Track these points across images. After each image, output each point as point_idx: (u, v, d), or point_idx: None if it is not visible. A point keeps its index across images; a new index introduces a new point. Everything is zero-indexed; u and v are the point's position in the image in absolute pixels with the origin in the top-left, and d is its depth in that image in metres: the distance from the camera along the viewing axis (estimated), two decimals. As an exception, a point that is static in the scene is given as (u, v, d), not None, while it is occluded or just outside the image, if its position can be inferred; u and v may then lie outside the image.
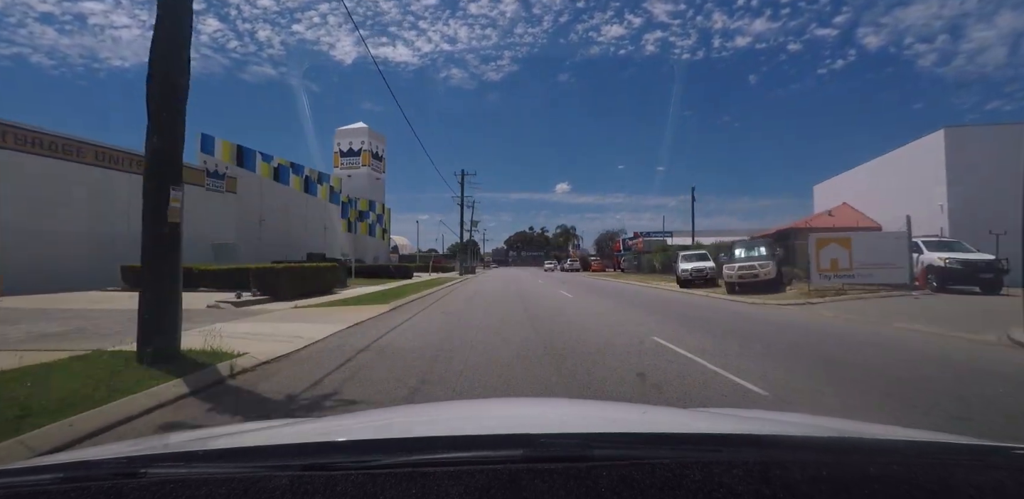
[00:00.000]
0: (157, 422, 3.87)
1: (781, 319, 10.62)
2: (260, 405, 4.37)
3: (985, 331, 8.07)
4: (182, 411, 4.17)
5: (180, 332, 5.72)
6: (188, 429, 3.29)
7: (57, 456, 1.30)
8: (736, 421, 1.60)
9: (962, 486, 0.78)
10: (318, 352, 6.82)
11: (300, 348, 6.98)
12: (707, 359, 6.03)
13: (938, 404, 4.19)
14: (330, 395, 4.59)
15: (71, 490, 0.76)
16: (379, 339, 7.85)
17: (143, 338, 5.35)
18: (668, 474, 0.77)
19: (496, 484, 0.75)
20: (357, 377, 5.28)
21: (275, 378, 5.32)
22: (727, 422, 1.55)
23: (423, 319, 10.76)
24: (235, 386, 5.03)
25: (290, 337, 7.65)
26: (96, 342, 6.71)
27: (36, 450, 3.10)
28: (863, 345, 7.32)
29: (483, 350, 6.74)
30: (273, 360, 6.18)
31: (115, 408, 3.93)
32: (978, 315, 10.42)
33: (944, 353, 6.66)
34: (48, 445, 3.20)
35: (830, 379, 5.13)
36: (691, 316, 11.16)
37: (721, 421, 1.56)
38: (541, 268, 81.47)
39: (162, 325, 5.43)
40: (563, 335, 8.09)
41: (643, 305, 14.11)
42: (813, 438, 1.15)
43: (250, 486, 0.75)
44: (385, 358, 6.30)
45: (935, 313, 10.83)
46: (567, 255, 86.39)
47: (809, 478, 0.79)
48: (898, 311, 11.24)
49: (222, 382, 5.11)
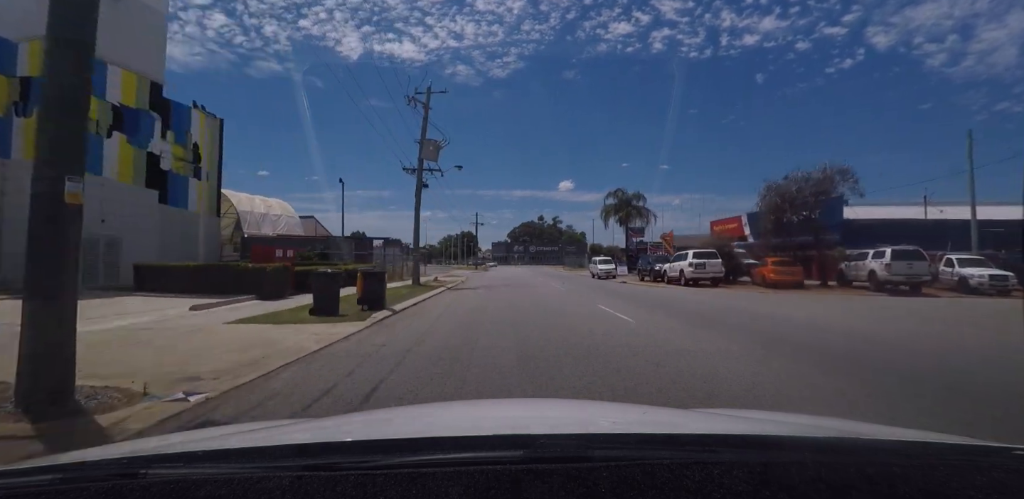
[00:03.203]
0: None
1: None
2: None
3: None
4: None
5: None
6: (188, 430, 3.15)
7: (56, 457, 1.32)
8: (735, 422, 1.61)
9: (962, 486, 0.78)
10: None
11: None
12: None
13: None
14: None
15: (70, 491, 0.76)
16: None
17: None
18: (668, 475, 0.77)
19: (496, 485, 0.75)
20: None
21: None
22: (727, 423, 1.56)
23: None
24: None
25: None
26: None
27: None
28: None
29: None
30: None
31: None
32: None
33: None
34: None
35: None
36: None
37: (720, 422, 1.57)
38: (555, 269, 63.60)
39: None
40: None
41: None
42: (812, 438, 1.15)
43: (250, 487, 0.75)
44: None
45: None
46: (635, 249, 45.60)
47: (808, 479, 0.79)
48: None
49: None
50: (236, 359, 6.06)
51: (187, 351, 6.58)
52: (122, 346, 6.88)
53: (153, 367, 5.44)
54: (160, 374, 5.08)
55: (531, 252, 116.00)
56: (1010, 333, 8.98)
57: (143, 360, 5.86)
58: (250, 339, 7.54)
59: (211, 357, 6.16)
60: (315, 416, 3.76)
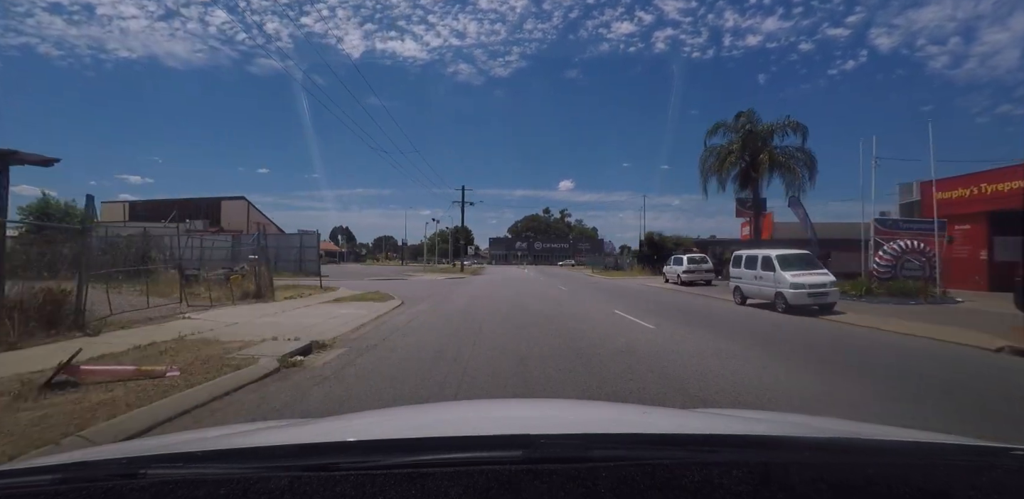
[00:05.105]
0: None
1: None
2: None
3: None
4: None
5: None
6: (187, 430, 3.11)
7: (56, 457, 1.30)
8: (735, 422, 1.61)
9: (962, 487, 0.78)
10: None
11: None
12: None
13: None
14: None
15: (69, 491, 0.76)
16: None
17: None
18: (667, 475, 0.78)
19: (496, 485, 0.75)
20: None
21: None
22: (726, 423, 1.55)
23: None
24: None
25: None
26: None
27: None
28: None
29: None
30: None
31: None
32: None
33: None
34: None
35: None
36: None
37: (720, 422, 1.57)
38: (572, 270, 52.58)
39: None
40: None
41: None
42: (812, 439, 1.15)
43: (249, 487, 0.75)
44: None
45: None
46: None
47: (808, 479, 0.79)
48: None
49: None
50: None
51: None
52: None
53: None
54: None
55: (536, 249, 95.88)
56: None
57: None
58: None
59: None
60: (315, 417, 3.58)
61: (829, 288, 13.01)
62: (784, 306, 12.99)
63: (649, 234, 42.53)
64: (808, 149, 24.36)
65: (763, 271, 14.04)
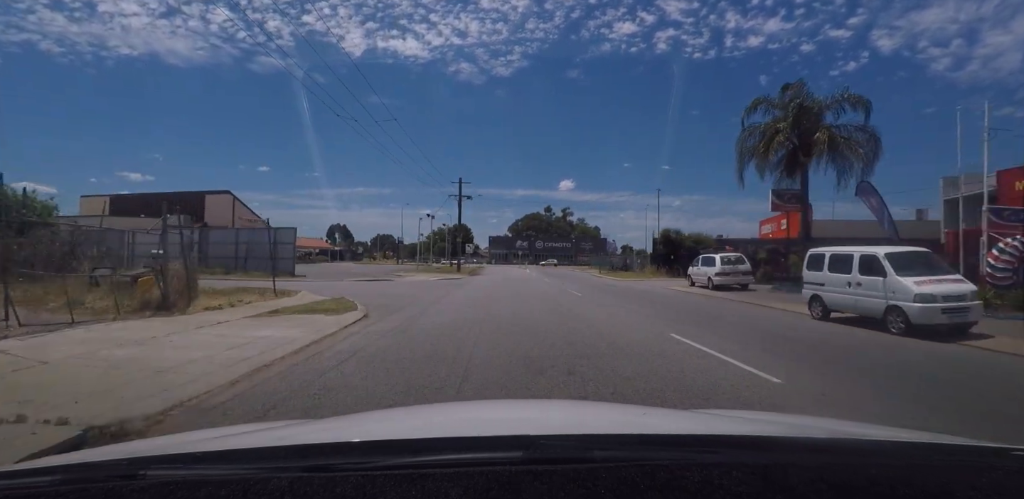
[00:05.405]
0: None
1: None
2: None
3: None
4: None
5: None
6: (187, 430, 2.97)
7: (56, 457, 1.34)
8: (736, 423, 1.61)
9: (962, 488, 0.78)
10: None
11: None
12: None
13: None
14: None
15: (70, 492, 0.77)
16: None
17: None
18: (667, 476, 0.78)
19: (496, 486, 0.75)
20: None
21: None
22: (727, 424, 1.55)
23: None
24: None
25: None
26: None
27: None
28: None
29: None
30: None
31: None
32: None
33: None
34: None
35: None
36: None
37: (721, 423, 1.57)
38: (578, 270, 49.31)
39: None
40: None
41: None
42: (812, 440, 1.16)
43: (249, 488, 0.75)
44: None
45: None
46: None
47: (808, 480, 0.79)
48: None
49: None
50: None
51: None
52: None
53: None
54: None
55: (537, 248, 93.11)
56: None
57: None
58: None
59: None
60: (314, 418, 3.63)
61: (971, 301, 9.04)
62: (902, 326, 9.02)
63: (665, 231, 37.91)
64: (872, 128, 19.58)
65: (863, 276, 10.08)
